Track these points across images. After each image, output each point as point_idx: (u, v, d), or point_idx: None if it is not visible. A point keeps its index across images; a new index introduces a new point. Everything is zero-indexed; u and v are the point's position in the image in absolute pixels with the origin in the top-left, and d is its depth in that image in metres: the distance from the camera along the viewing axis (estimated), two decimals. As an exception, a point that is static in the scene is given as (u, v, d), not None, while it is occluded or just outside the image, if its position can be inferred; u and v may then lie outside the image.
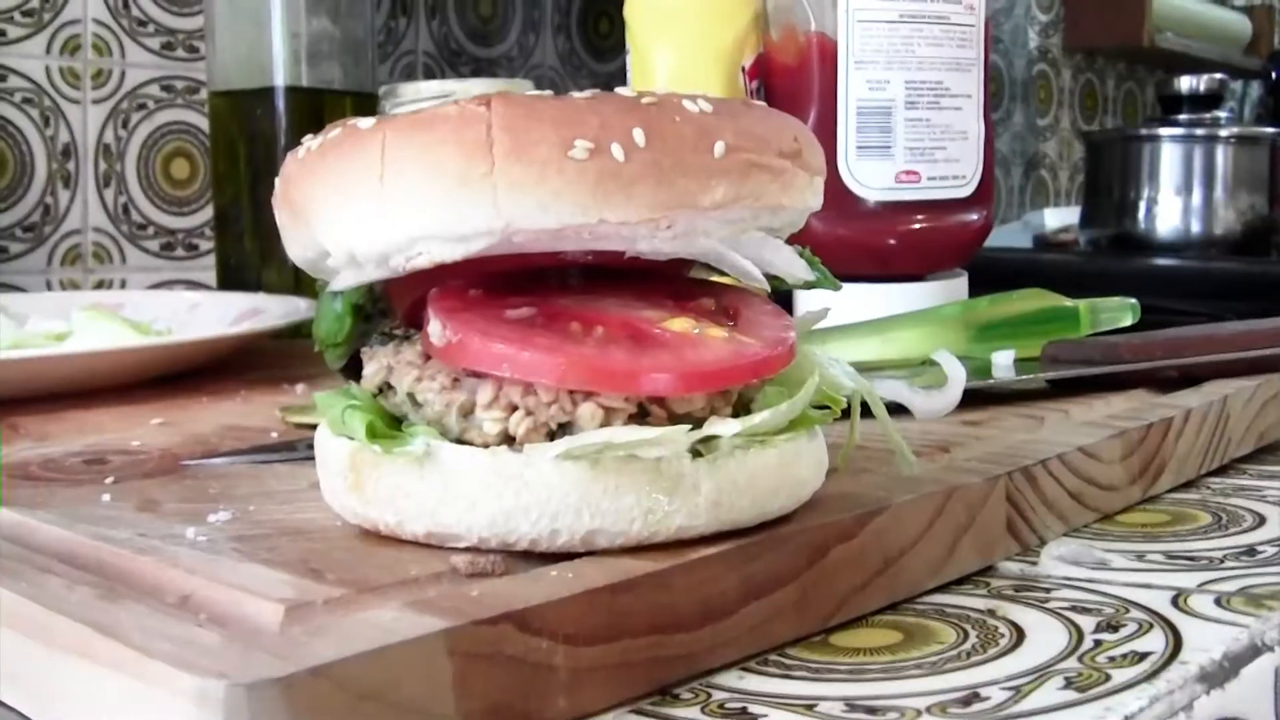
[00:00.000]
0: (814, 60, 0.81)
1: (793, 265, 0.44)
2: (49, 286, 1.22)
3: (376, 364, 0.42)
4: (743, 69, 0.82)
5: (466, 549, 0.40)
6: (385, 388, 0.42)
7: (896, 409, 0.51)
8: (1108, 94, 2.57)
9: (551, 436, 0.39)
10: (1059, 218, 1.87)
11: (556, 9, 1.63)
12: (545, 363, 0.38)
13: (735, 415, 0.41)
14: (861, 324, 0.75)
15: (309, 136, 0.42)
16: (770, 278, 0.45)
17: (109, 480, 0.52)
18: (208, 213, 1.27)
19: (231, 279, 1.10)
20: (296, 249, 0.43)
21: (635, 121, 0.39)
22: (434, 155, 0.38)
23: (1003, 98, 2.26)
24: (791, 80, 0.82)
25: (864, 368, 0.74)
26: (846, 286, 0.83)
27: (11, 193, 1.19)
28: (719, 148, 0.40)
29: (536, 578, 0.37)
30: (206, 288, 1.25)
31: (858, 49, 0.79)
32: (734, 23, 0.82)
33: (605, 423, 0.39)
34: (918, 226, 0.82)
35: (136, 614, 0.35)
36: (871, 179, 0.80)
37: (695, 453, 0.40)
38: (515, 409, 0.39)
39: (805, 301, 0.84)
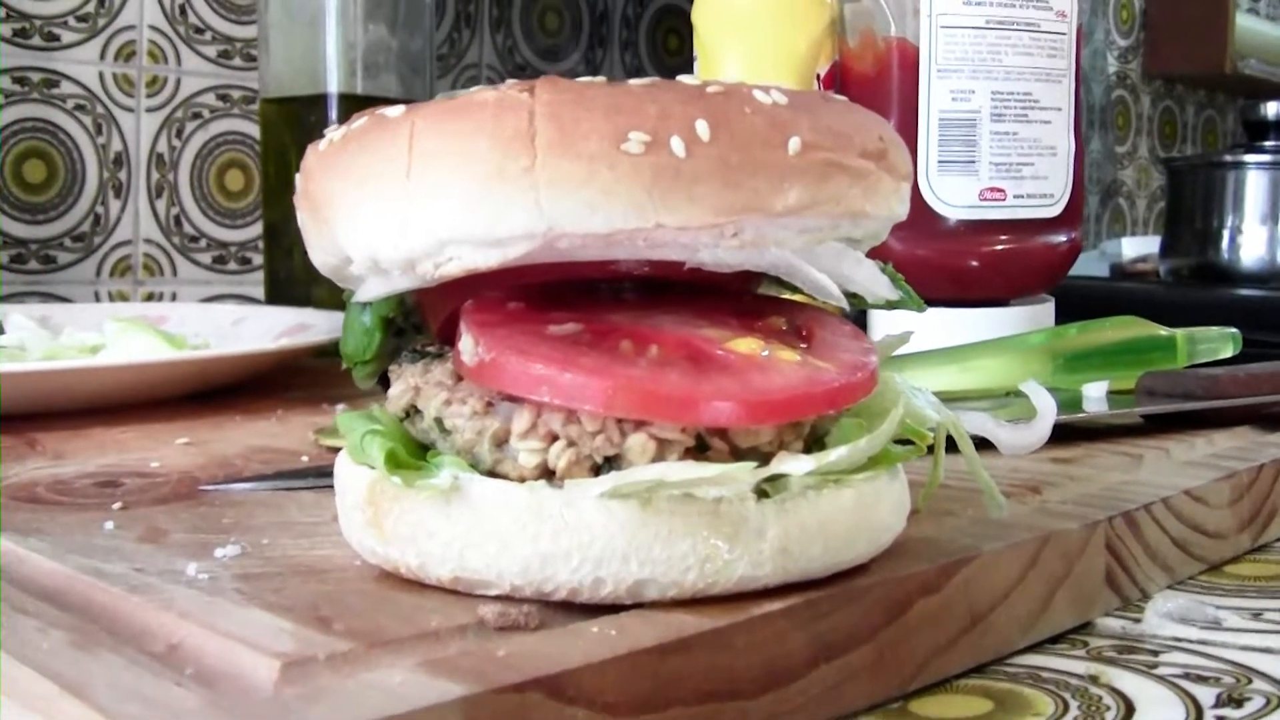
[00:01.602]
0: (893, 68, 0.76)
1: (875, 282, 0.39)
2: (97, 298, 1.19)
3: (403, 384, 0.38)
4: (817, 77, 0.77)
5: (497, 598, 0.35)
6: (412, 411, 0.37)
7: (979, 444, 0.46)
8: (1187, 121, 2.50)
9: (596, 471, 0.34)
10: (1136, 247, 1.81)
11: (624, 24, 1.59)
12: (590, 386, 0.33)
13: (807, 450, 0.36)
14: (940, 351, 0.70)
15: (333, 126, 0.38)
16: (849, 295, 0.40)
17: (116, 505, 0.47)
18: (261, 226, 1.24)
19: (280, 293, 1.06)
20: (319, 254, 0.39)
21: (699, 112, 0.34)
22: (468, 147, 0.33)
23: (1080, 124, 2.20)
24: (869, 89, 0.77)
25: (943, 398, 0.69)
26: (927, 311, 0.78)
27: (61, 201, 1.16)
28: (794, 144, 0.35)
29: (574, 635, 0.32)
30: (258, 303, 1.21)
31: (941, 56, 0.74)
32: (808, 28, 0.77)
33: (658, 457, 0.34)
34: (1002, 247, 0.77)
35: (112, 667, 0.30)
36: (954, 196, 0.75)
37: (761, 493, 0.35)
38: (555, 439, 0.34)
39: (882, 324, 0.79)
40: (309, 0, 1.02)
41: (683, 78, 0.36)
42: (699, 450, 0.34)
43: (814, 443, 0.37)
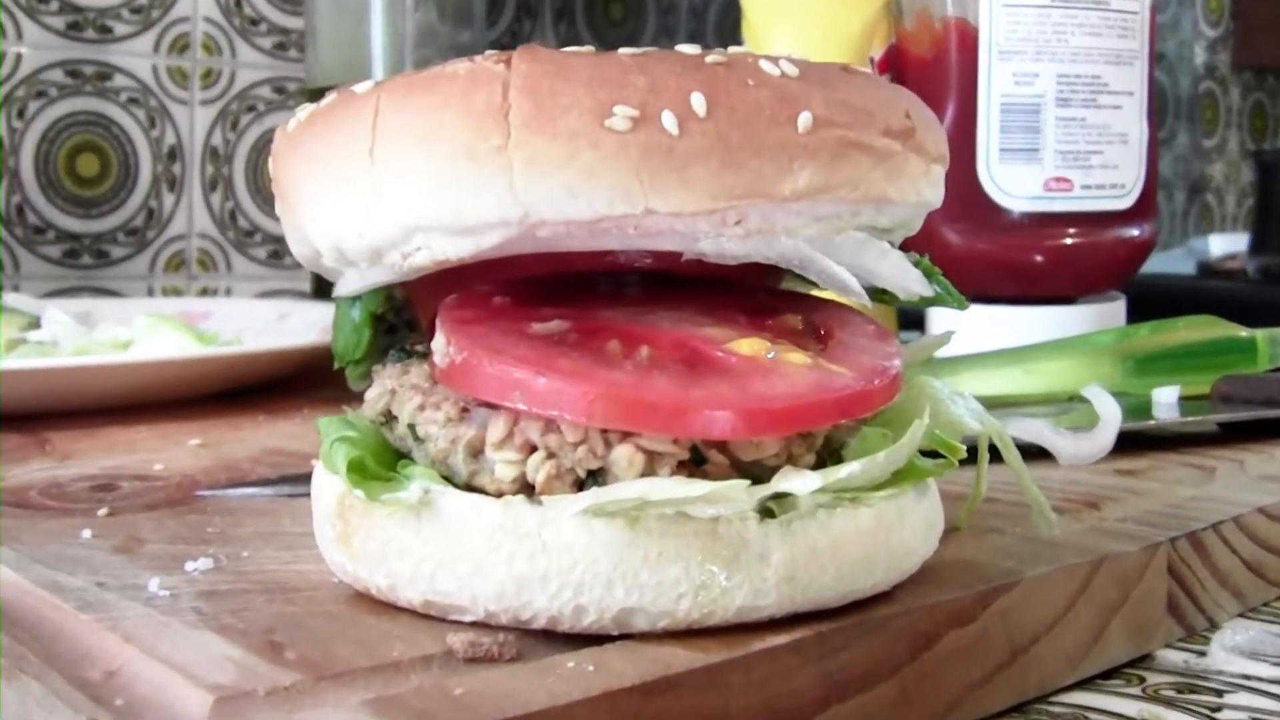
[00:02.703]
0: (952, 50, 0.71)
1: (903, 275, 0.35)
2: (151, 293, 1.17)
3: (380, 386, 0.34)
4: (871, 60, 0.73)
5: (472, 625, 0.31)
6: (389, 416, 0.34)
7: (1038, 453, 0.42)
8: (1279, 114, 2.41)
9: (580, 486, 0.31)
10: (1225, 244, 1.74)
11: (692, 14, 1.55)
12: (566, 392, 0.29)
13: (821, 464, 0.32)
14: (1001, 352, 0.66)
15: (305, 105, 0.35)
16: (876, 292, 0.36)
17: (102, 511, 0.45)
18: (313, 219, 1.21)
19: (326, 288, 1.03)
20: (293, 244, 0.36)
21: (694, 84, 0.30)
22: (435, 124, 0.30)
23: (1166, 117, 2.12)
24: (927, 74, 0.73)
25: (1001, 403, 0.65)
26: (986, 309, 0.74)
27: (114, 195, 1.15)
28: (804, 120, 0.31)
29: (546, 670, 0.29)
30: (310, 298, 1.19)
31: (1002, 37, 0.69)
32: (861, 9, 0.73)
33: (647, 471, 0.30)
34: (1069, 242, 0.72)
35: (28, 697, 0.27)
36: (1016, 186, 0.71)
37: (767, 512, 0.31)
38: (534, 449, 0.31)
39: (939, 322, 0.75)
40: (357, -11, 1.00)
41: (682, 47, 0.32)
42: (695, 464, 0.31)
43: (829, 455, 0.33)
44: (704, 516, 0.30)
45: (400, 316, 0.39)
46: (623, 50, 0.31)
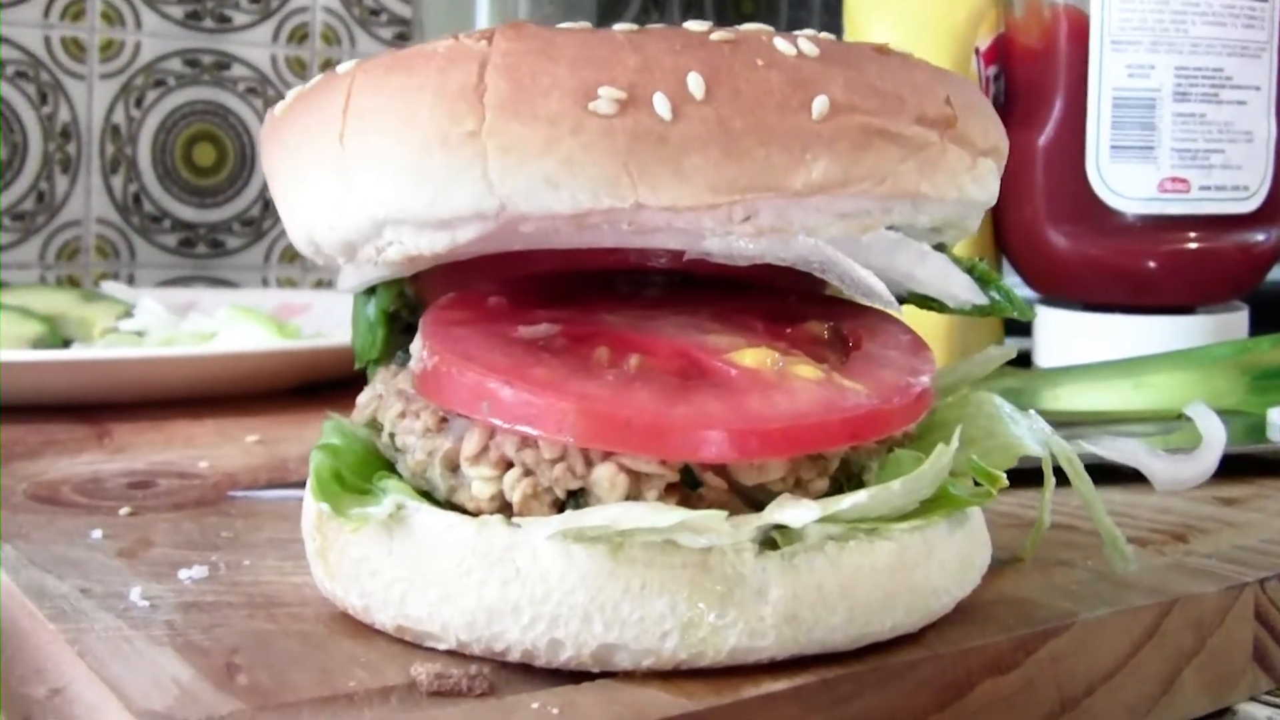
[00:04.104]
0: (1061, 40, 0.67)
1: (946, 280, 0.32)
2: (266, 284, 1.17)
3: (370, 391, 0.32)
4: (977, 51, 0.69)
5: (448, 652, 0.29)
6: (377, 423, 0.32)
7: (1134, 476, 0.39)
8: None
9: (561, 508, 0.28)
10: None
11: (824, 4, 1.51)
12: (536, 405, 0.26)
13: (838, 489, 0.29)
14: (1108, 364, 0.61)
15: (297, 87, 0.32)
16: (922, 299, 0.33)
17: (124, 511, 0.43)
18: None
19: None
20: (290, 235, 0.33)
21: (693, 64, 0.27)
22: (407, 107, 0.27)
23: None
24: (1036, 65, 0.68)
25: (1106, 419, 0.61)
26: (1094, 318, 0.70)
27: (230, 185, 1.15)
28: (819, 105, 0.28)
29: (508, 711, 0.26)
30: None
31: (1116, 26, 0.65)
32: (968, -4, 0.68)
33: (632, 493, 0.27)
34: (1186, 247, 0.67)
35: (-53, 722, 0.25)
36: (1129, 187, 0.66)
37: (769, 543, 0.28)
38: (510, 466, 0.28)
39: (1045, 332, 0.71)
40: (466, -22, 0.98)
41: (690, 24, 0.29)
42: (689, 486, 0.28)
43: (848, 480, 0.30)
44: (694, 546, 0.27)
45: (415, 314, 0.36)
46: (619, 26, 0.28)
